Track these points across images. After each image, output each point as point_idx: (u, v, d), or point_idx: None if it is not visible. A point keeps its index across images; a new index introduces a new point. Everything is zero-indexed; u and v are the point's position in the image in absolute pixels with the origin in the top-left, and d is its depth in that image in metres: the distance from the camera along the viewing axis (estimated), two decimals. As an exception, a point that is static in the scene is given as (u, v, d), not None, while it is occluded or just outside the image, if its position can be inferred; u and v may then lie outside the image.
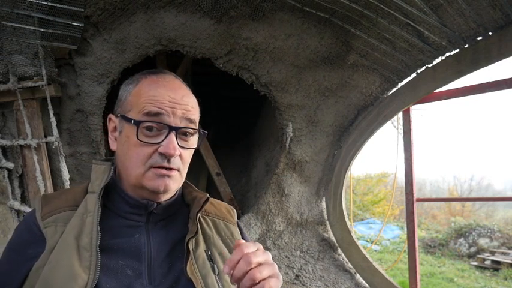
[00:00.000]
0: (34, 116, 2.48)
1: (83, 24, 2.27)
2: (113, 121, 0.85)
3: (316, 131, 2.94)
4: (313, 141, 2.96)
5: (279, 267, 2.88)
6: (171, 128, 0.77)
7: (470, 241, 9.39)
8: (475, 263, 8.36)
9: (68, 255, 0.73)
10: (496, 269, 7.76)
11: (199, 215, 0.86)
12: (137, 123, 0.76)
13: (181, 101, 0.80)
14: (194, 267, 0.78)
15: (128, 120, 0.78)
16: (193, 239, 0.82)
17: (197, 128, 0.83)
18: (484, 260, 8.27)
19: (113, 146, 0.84)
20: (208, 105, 4.57)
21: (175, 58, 3.41)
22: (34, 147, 2.44)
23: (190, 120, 0.81)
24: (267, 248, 2.95)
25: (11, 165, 2.50)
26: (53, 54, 2.40)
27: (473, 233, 9.52)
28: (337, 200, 2.96)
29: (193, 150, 0.85)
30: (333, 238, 3.00)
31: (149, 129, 0.77)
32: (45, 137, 2.50)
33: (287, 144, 2.91)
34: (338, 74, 2.70)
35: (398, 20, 2.28)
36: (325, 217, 3.04)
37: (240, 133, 4.67)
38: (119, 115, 0.82)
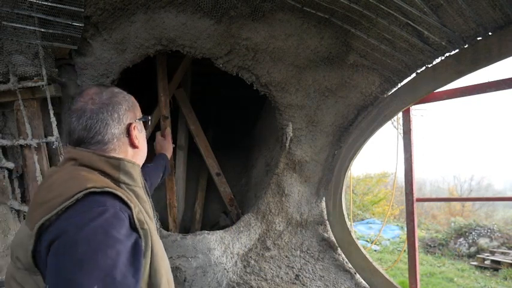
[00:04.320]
0: (34, 116, 2.48)
1: (83, 24, 2.27)
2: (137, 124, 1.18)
3: (316, 131, 2.94)
4: (313, 141, 2.96)
5: (279, 267, 2.88)
6: None
7: (470, 241, 9.40)
8: (475, 263, 8.36)
9: (161, 245, 1.01)
10: (496, 269, 7.76)
11: None
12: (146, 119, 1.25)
13: None
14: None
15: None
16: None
17: None
18: (484, 260, 8.27)
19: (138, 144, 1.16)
20: (208, 105, 4.57)
21: (175, 58, 3.41)
22: (34, 147, 2.44)
23: None
24: (267, 248, 2.95)
25: (11, 165, 2.50)
26: (53, 54, 2.40)
27: (473, 233, 9.52)
28: (337, 200, 2.96)
29: None
30: (333, 238, 3.00)
31: None
32: (46, 137, 2.50)
33: (287, 144, 2.92)
34: (338, 74, 2.70)
35: (398, 20, 2.28)
36: (325, 217, 3.04)
37: (240, 133, 4.67)
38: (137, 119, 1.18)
